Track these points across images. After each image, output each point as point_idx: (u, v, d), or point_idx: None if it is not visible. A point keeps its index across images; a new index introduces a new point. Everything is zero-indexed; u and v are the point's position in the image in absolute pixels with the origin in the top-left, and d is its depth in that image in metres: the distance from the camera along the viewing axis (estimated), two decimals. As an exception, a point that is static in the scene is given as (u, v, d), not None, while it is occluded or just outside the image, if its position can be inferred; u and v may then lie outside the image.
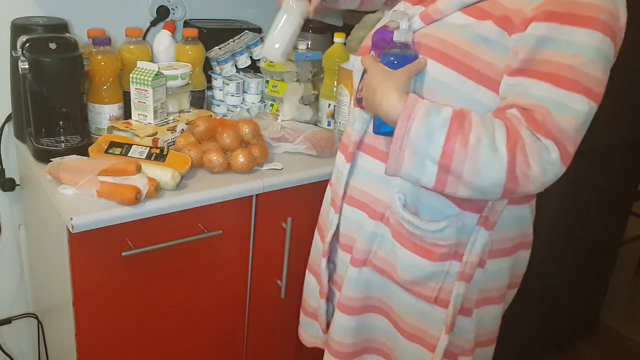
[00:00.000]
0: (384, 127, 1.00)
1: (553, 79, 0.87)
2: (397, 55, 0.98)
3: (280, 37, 1.22)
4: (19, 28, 1.32)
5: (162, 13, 1.71)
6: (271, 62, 1.59)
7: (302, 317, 1.40)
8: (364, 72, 1.03)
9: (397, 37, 0.98)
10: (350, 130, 1.13)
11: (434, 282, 1.07)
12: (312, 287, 1.33)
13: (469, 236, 1.03)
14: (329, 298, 1.27)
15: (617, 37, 0.90)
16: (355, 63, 1.12)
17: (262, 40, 1.69)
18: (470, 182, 0.89)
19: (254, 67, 1.71)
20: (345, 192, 1.15)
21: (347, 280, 1.16)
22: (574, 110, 0.87)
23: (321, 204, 1.32)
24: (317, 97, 1.68)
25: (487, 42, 0.93)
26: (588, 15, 0.86)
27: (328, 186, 1.30)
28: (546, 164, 0.87)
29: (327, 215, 1.23)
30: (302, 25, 1.23)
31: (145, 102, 1.38)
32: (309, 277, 1.35)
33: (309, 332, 1.38)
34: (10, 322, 1.73)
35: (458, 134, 0.88)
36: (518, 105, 0.90)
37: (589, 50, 0.86)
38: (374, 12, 1.75)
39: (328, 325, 1.29)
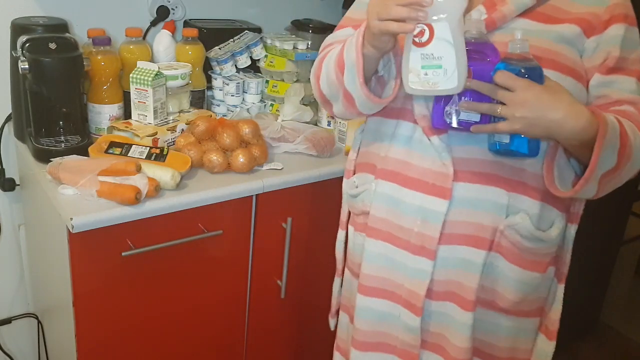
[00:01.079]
0: (522, 147, 0.91)
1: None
2: (526, 67, 0.89)
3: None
4: (19, 28, 1.32)
5: (162, 13, 1.71)
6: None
7: None
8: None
9: (513, 49, 0.90)
10: (430, 164, 1.00)
11: (536, 293, 1.07)
12: None
13: (562, 236, 1.06)
14: None
15: None
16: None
17: (262, 40, 1.70)
18: (620, 178, 0.94)
19: (254, 67, 1.71)
20: (441, 232, 1.00)
21: (460, 329, 1.03)
22: None
23: (321, 204, 1.31)
24: (317, 97, 1.68)
25: (567, 41, 0.96)
26: (635, 16, 0.98)
27: (369, 238, 1.09)
28: None
29: (396, 270, 1.06)
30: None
31: (145, 102, 1.38)
32: (368, 358, 1.14)
33: None
34: (10, 322, 1.73)
35: (627, 142, 0.91)
36: (623, 100, 0.96)
37: None
38: None
39: None
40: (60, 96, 1.33)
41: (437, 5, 0.86)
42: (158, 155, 1.30)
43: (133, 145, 1.31)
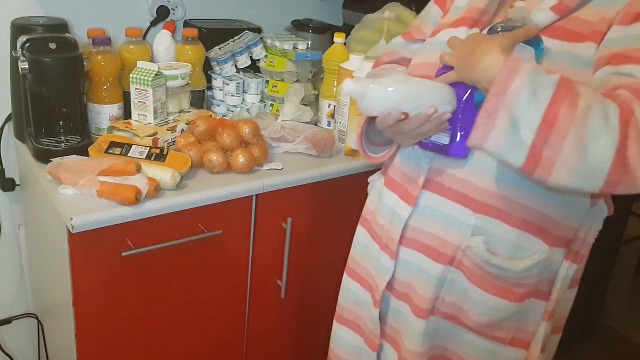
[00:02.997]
0: (477, 96, 0.88)
1: None
2: (506, 27, 0.89)
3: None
4: (19, 28, 1.31)
5: (162, 13, 1.71)
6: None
7: None
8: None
9: (513, 13, 0.89)
10: (411, 170, 1.03)
11: (512, 322, 1.00)
12: (350, 342, 1.21)
13: (555, 273, 0.98)
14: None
15: None
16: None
17: (262, 40, 1.70)
18: (570, 159, 0.75)
19: (254, 67, 1.71)
20: (402, 235, 1.03)
21: (411, 333, 1.05)
22: None
23: (321, 204, 1.31)
24: (317, 97, 1.68)
25: (586, 64, 0.88)
26: None
27: (359, 226, 1.19)
28: None
29: (371, 260, 1.12)
30: None
31: (145, 102, 1.38)
32: (342, 331, 1.23)
33: None
34: (10, 322, 1.73)
35: (566, 96, 0.75)
36: (624, 85, 0.80)
37: None
38: (373, 12, 1.75)
39: None
40: (60, 96, 1.33)
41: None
42: (158, 155, 1.30)
43: (133, 145, 1.31)
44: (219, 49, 1.66)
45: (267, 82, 1.68)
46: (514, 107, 0.76)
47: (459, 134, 0.93)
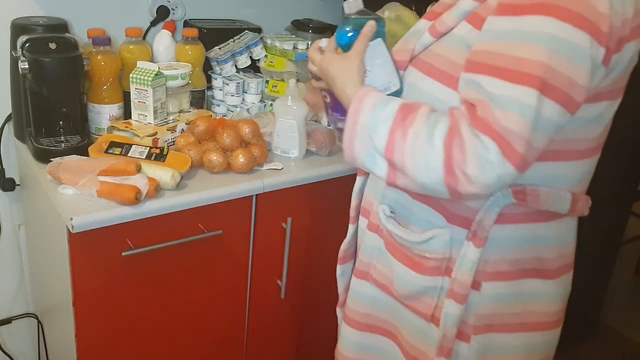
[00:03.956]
0: None
1: (501, 72, 0.79)
2: (352, 27, 0.98)
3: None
4: (19, 28, 1.32)
5: (162, 13, 1.71)
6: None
7: None
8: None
9: (348, 9, 0.99)
10: None
11: (429, 297, 1.01)
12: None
13: (457, 252, 0.96)
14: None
15: (591, 24, 0.78)
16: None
17: (262, 40, 1.70)
18: (414, 177, 0.85)
19: (254, 67, 1.71)
20: (360, 203, 1.15)
21: (351, 291, 1.15)
22: (521, 106, 0.78)
23: (321, 204, 1.31)
24: (317, 97, 1.68)
25: (469, 48, 0.88)
26: (539, 2, 0.78)
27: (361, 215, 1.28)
28: (484, 163, 0.79)
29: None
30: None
31: (145, 102, 1.38)
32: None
33: None
34: (10, 322, 1.73)
35: (398, 127, 0.86)
36: (467, 101, 0.84)
37: (542, 39, 0.78)
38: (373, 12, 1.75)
39: None
40: (60, 96, 1.33)
41: None
42: (158, 155, 1.30)
43: (133, 145, 1.31)
44: (219, 49, 1.66)
45: (267, 82, 1.68)
46: (363, 138, 0.90)
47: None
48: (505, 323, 1.00)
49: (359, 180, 1.16)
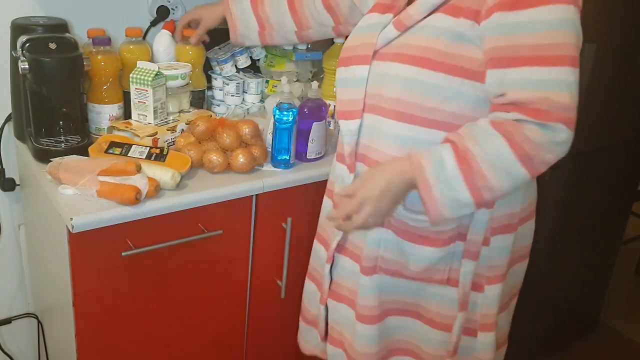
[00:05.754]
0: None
1: (539, 61, 0.90)
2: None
3: None
4: (19, 28, 1.31)
5: (162, 13, 1.71)
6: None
7: (302, 325, 1.41)
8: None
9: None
10: (342, 143, 1.16)
11: (443, 264, 1.12)
12: (312, 294, 1.34)
13: (470, 217, 1.07)
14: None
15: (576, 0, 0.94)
16: (348, 74, 1.14)
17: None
18: (506, 192, 0.97)
19: (254, 67, 1.71)
20: None
21: (361, 290, 1.17)
22: (568, 84, 0.90)
23: (321, 204, 1.31)
24: (317, 97, 1.68)
25: (462, 37, 0.96)
26: None
27: (325, 196, 1.31)
28: (555, 146, 0.92)
29: (330, 224, 1.22)
30: None
31: (145, 102, 1.38)
32: (308, 284, 1.36)
33: (309, 341, 1.39)
34: (10, 322, 1.73)
35: (470, 174, 0.94)
36: (519, 102, 0.92)
37: (557, 23, 0.90)
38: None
39: (327, 334, 1.30)
40: (60, 96, 1.33)
41: None
42: (158, 155, 1.30)
43: (133, 145, 1.31)
44: (219, 49, 1.66)
45: (267, 82, 1.68)
46: (449, 208, 0.98)
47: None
48: (506, 271, 1.16)
49: (348, 178, 1.17)
